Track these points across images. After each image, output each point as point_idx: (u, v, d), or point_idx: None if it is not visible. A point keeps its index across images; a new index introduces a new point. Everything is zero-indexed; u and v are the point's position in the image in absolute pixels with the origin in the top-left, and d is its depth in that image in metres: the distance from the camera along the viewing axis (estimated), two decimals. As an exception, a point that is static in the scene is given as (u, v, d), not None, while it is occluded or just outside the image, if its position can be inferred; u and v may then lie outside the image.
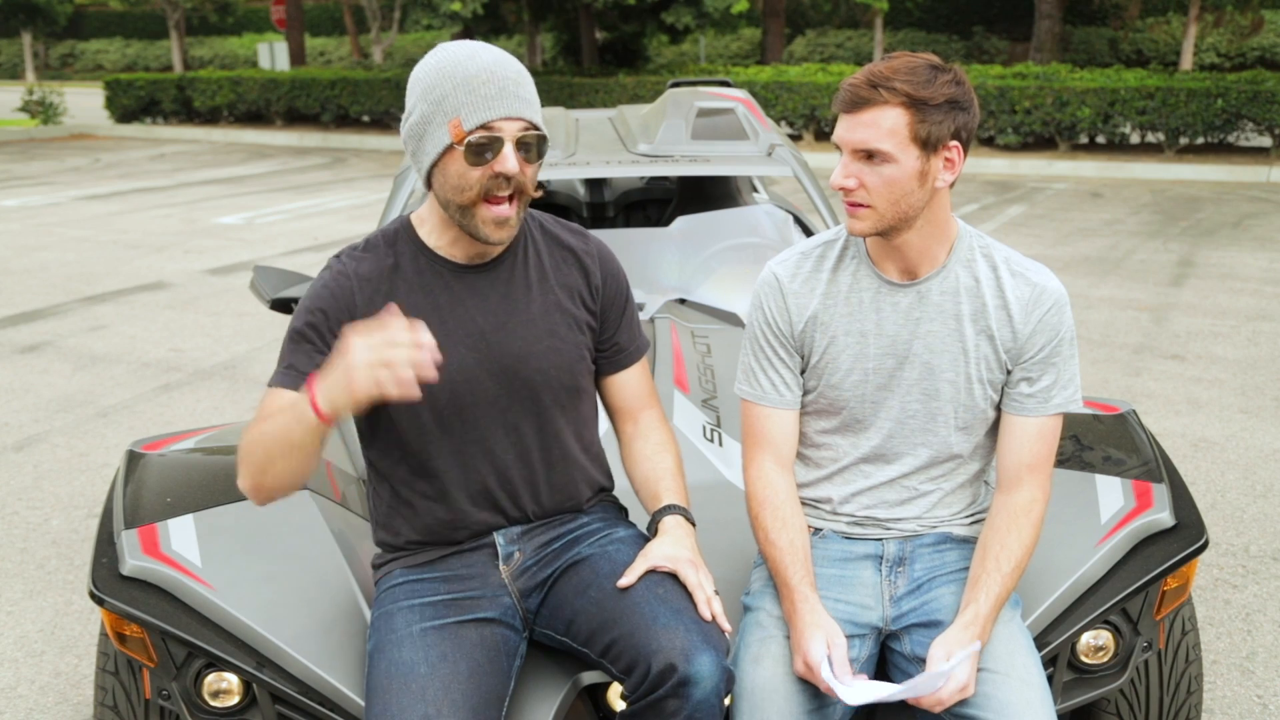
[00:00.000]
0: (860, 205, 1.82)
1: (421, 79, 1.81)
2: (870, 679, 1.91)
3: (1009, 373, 1.94)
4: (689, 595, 1.81)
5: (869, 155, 1.79)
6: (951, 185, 1.87)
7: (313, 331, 1.86)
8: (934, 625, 1.91)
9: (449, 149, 1.79)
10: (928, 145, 1.78)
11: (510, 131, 1.78)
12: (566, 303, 1.97)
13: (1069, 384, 1.94)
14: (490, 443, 1.93)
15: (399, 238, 1.94)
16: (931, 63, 1.79)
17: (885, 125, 1.76)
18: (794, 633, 1.87)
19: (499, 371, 1.90)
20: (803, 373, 2.02)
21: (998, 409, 1.98)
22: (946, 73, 1.78)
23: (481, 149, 1.77)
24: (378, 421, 1.93)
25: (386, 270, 1.90)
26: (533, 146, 1.81)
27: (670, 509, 1.96)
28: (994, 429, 2.00)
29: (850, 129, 1.80)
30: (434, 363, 1.60)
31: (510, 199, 1.82)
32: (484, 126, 1.77)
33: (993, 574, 1.87)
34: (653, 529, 1.96)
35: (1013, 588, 1.89)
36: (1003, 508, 1.93)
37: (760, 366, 2.02)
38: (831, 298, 1.97)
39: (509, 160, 1.78)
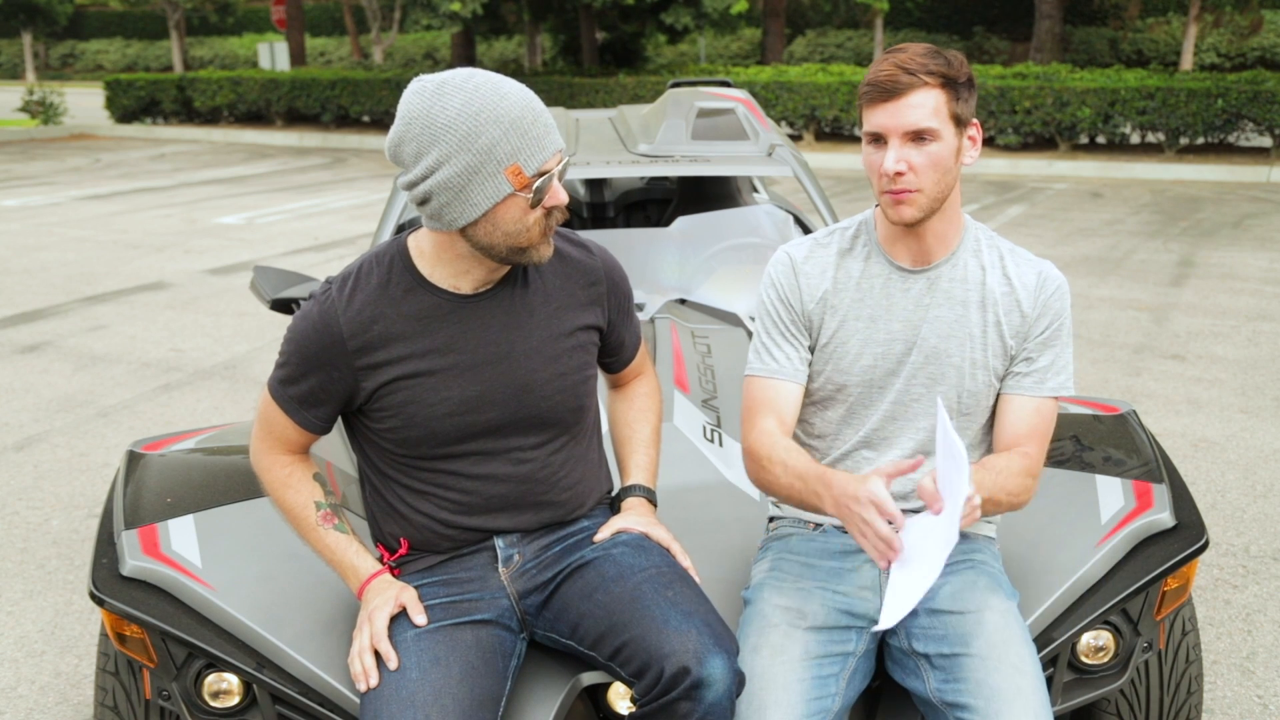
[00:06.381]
0: (908, 191, 1.85)
1: (453, 128, 1.69)
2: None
3: (1012, 358, 1.98)
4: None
5: (917, 137, 1.83)
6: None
7: (304, 380, 1.87)
8: (930, 614, 1.91)
9: (509, 197, 1.74)
10: (959, 123, 1.86)
11: (554, 165, 1.78)
12: (571, 323, 1.95)
13: (1063, 370, 1.99)
14: (493, 465, 1.92)
15: (393, 267, 1.87)
16: (935, 49, 1.86)
17: (930, 105, 1.82)
18: (841, 490, 1.77)
19: (503, 401, 1.89)
20: (811, 352, 2.03)
21: (997, 397, 2.01)
22: (952, 54, 1.86)
23: (541, 191, 1.76)
24: (377, 446, 1.94)
25: (380, 305, 1.85)
26: (564, 170, 1.82)
27: (633, 489, 2.08)
28: (990, 422, 2.03)
29: (896, 114, 1.82)
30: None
31: None
32: (541, 169, 1.75)
33: (978, 471, 1.82)
34: (616, 506, 2.08)
35: (989, 500, 1.82)
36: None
37: (773, 341, 2.03)
38: (842, 282, 2.01)
39: (561, 193, 1.79)
